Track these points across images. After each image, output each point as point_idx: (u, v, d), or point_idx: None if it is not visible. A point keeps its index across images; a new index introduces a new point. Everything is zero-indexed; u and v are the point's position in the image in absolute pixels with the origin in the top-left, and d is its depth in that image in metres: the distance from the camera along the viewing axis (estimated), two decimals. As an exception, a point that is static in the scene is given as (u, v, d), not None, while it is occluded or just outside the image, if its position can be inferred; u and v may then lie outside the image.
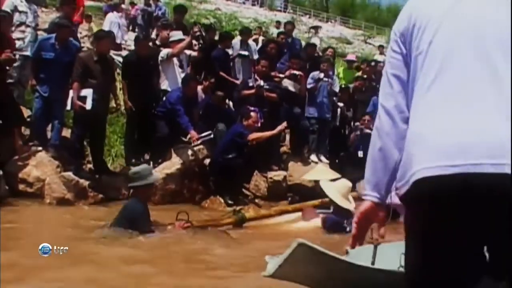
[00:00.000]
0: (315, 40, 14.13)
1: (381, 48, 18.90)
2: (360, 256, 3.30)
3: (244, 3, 34.08)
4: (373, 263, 3.24)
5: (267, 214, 6.16)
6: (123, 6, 13.39)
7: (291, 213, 6.17)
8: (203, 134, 6.98)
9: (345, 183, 5.77)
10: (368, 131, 8.61)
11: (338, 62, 13.01)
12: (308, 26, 20.49)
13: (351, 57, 12.27)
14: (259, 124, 7.43)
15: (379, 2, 71.92)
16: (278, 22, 19.14)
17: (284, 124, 7.13)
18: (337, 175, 6.84)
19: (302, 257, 2.61)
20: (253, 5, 33.89)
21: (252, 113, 7.14)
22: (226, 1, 29.38)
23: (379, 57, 15.93)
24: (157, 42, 8.28)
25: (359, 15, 47.05)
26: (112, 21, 11.20)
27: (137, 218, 4.76)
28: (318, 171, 6.89)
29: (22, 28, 7.37)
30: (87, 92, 6.32)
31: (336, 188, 5.59)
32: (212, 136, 7.07)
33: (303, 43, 10.96)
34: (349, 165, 8.89)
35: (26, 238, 4.60)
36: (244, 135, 6.89)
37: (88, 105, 6.29)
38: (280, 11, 35.83)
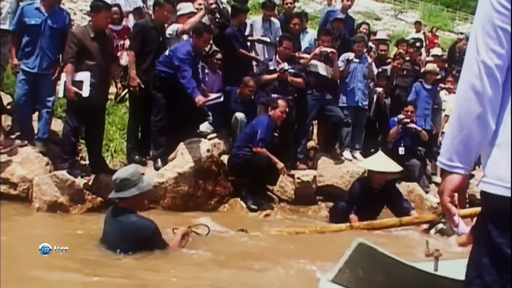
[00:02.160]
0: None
1: (417, 25, 18.70)
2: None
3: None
4: None
5: (278, 235, 5.74)
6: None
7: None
8: (211, 97, 6.83)
9: None
10: (413, 125, 8.48)
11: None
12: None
13: (382, 34, 11.99)
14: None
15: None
16: (298, -7, 18.93)
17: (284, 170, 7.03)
18: (400, 168, 6.84)
19: (363, 259, 2.62)
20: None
21: (279, 101, 7.03)
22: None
23: (415, 36, 15.76)
24: None
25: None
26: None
27: (150, 238, 4.46)
28: (383, 161, 6.73)
29: None
30: (84, 76, 6.16)
31: None
32: (222, 99, 6.93)
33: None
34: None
35: (10, 254, 4.41)
36: (256, 137, 6.80)
37: (85, 92, 6.13)
38: (295, -19, 35.51)
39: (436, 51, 12.78)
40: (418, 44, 10.70)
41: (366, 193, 6.54)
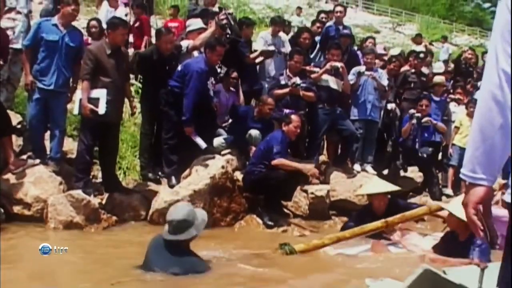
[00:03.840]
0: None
1: (418, 37, 18.82)
2: (461, 277, 3.29)
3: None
4: None
5: (320, 244, 5.71)
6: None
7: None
8: (198, 140, 6.79)
9: None
10: (427, 118, 8.54)
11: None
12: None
13: (379, 48, 11.93)
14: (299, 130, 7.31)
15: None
16: (299, 8, 19.13)
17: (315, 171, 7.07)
18: (396, 188, 6.71)
19: (425, 284, 2.62)
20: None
21: (293, 116, 7.04)
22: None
23: (416, 49, 15.84)
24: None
25: (383, -2, 47.13)
26: (108, 9, 11.04)
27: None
28: (376, 184, 6.71)
29: (12, 15, 7.21)
30: (100, 93, 6.15)
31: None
32: (203, 147, 6.86)
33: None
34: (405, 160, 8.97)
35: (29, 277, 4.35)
36: (271, 153, 6.78)
37: (102, 109, 6.12)
38: (293, -5, 35.74)
39: (438, 66, 12.79)
40: (421, 55, 10.74)
41: (371, 219, 6.24)
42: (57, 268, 4.44)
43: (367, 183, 7.13)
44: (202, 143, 6.78)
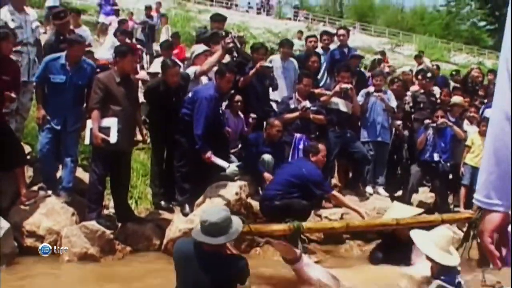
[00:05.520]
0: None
1: (418, 58, 18.82)
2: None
3: (247, 11, 34.36)
4: None
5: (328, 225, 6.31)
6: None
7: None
8: (220, 161, 6.64)
9: (444, 233, 5.29)
10: (442, 120, 8.62)
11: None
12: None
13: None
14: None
15: (402, 4, 73.95)
16: (301, 32, 19.23)
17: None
18: (418, 211, 6.55)
19: None
20: (258, 13, 34.12)
21: (320, 146, 6.91)
22: (227, 10, 29.54)
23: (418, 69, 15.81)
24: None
25: (380, 20, 47.49)
26: (114, 41, 10.97)
27: (246, 275, 4.23)
28: (397, 210, 6.52)
29: (18, 48, 7.13)
30: (111, 122, 6.06)
31: (431, 240, 5.09)
32: (227, 171, 6.69)
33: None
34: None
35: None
36: (324, 189, 6.77)
37: (113, 138, 6.02)
38: (290, 19, 35.99)
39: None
40: (429, 74, 10.63)
41: (397, 248, 6.06)
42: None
43: (390, 211, 6.84)
44: (223, 163, 6.65)
